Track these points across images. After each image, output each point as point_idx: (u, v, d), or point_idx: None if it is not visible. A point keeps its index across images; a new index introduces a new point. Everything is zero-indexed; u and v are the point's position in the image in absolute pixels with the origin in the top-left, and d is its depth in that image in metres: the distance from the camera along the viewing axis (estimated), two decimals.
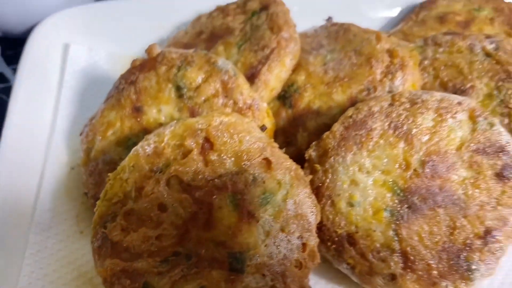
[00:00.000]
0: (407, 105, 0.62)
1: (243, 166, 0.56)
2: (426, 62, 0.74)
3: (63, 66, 0.84)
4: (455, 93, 0.73)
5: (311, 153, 0.65)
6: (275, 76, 0.71)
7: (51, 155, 0.73)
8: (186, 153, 0.57)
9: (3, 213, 0.64)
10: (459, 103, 0.62)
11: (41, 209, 0.68)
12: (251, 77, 0.70)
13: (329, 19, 0.80)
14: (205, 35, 0.79)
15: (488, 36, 0.74)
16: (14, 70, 0.96)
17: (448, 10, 0.89)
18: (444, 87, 0.72)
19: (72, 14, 0.89)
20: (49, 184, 0.71)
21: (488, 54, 0.72)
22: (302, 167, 0.65)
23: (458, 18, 0.86)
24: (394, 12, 0.97)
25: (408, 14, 0.93)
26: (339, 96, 0.71)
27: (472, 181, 0.60)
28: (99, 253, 0.56)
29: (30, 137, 0.74)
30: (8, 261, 0.62)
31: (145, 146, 0.58)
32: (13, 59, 0.99)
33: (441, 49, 0.75)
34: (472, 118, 0.61)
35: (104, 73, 0.85)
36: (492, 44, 0.72)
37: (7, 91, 0.92)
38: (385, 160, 0.61)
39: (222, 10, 0.82)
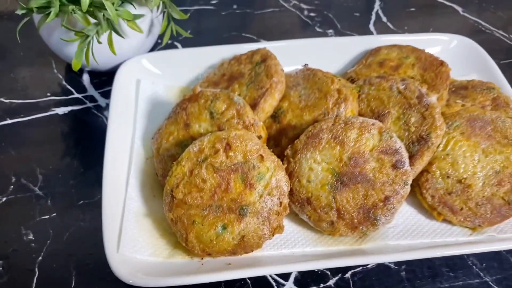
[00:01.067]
0: (342, 125, 1.03)
1: (248, 158, 0.98)
2: (363, 96, 1.13)
3: (137, 94, 1.22)
4: (378, 116, 1.12)
5: (288, 151, 1.05)
6: (268, 105, 1.11)
7: (134, 151, 1.12)
8: (216, 151, 0.97)
9: (112, 187, 1.04)
10: (373, 124, 1.03)
11: (131, 184, 1.07)
12: (254, 105, 1.10)
13: (305, 65, 1.21)
14: (227, 77, 1.22)
15: (402, 79, 1.13)
16: (100, 94, 1.36)
17: (386, 57, 1.26)
18: (372, 112, 1.12)
19: (141, 59, 1.26)
20: (134, 169, 1.10)
21: (399, 92, 1.09)
22: (283, 160, 1.06)
23: (391, 64, 1.24)
24: (354, 56, 1.36)
25: (361, 59, 1.32)
26: (307, 117, 1.10)
27: (378, 169, 0.98)
28: (169, 205, 0.99)
29: (122, 140, 1.13)
30: (115, 212, 1.02)
31: (194, 147, 1.01)
32: (99, 85, 1.38)
33: (373, 87, 1.13)
34: (380, 132, 1.01)
35: (162, 99, 1.24)
36: (403, 85, 1.11)
37: (97, 107, 1.33)
38: (328, 156, 1.00)
39: (237, 59, 1.25)
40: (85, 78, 1.42)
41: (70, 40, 1.05)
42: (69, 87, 1.40)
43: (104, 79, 1.34)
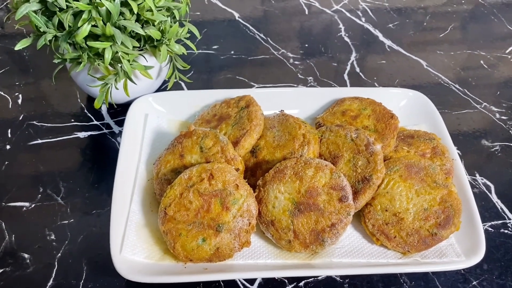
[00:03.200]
0: (303, 164, 1.24)
1: (226, 186, 1.15)
2: (324, 139, 1.30)
3: (144, 126, 1.39)
4: (334, 157, 1.31)
5: (260, 182, 1.20)
6: (247, 143, 1.30)
7: (139, 173, 1.30)
8: (202, 179, 1.13)
9: (119, 201, 1.20)
10: (326, 165, 1.23)
11: (134, 200, 1.23)
12: (236, 143, 1.28)
13: (281, 111, 1.40)
14: (217, 117, 1.43)
15: (356, 129, 1.31)
16: (114, 122, 1.53)
17: (348, 107, 1.43)
18: (329, 154, 1.29)
19: (149, 97, 1.44)
20: (138, 187, 1.26)
21: (352, 139, 1.27)
22: (256, 189, 1.21)
23: (352, 113, 1.41)
24: (324, 104, 1.52)
25: (328, 107, 1.49)
26: (278, 155, 1.28)
27: (327, 201, 1.15)
28: (162, 220, 1.15)
29: (130, 163, 1.30)
30: (120, 221, 1.18)
31: (185, 175, 1.21)
32: (114, 115, 1.55)
33: (332, 134, 1.30)
34: (331, 172, 1.18)
35: (165, 131, 1.42)
36: (355, 134, 1.31)
37: (112, 134, 1.50)
38: (290, 188, 1.16)
39: (227, 103, 1.47)
40: (103, 108, 1.58)
41: (94, 86, 1.33)
42: (89, 115, 1.57)
43: (119, 109, 1.53)
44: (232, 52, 1.85)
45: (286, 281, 1.21)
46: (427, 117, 1.48)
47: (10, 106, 1.58)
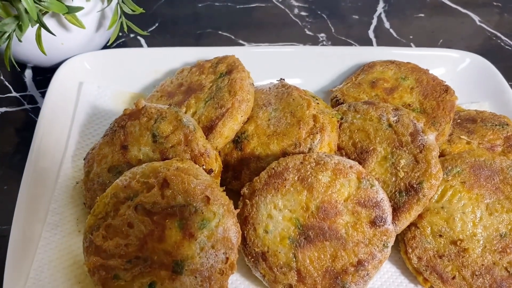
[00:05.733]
0: (313, 164, 0.84)
1: (189, 200, 0.80)
2: (345, 125, 0.96)
3: (77, 101, 1.06)
4: (361, 152, 0.94)
5: (245, 190, 0.88)
6: (228, 128, 0.93)
7: (62, 173, 0.96)
8: (150, 188, 0.80)
9: (26, 214, 0.88)
10: (351, 167, 0.84)
11: (52, 211, 0.91)
12: (211, 128, 0.92)
13: (281, 79, 1.02)
14: (184, 88, 1.02)
15: (395, 109, 0.95)
16: (42, 93, 1.20)
17: (380, 76, 1.09)
18: (354, 146, 0.94)
19: (85, 58, 1.12)
20: (59, 193, 0.94)
21: (390, 125, 0.92)
22: (239, 200, 0.89)
23: (386, 85, 1.07)
24: (344, 70, 1.19)
25: (350, 74, 1.14)
26: (275, 147, 0.93)
27: (352, 224, 0.82)
28: (86, 251, 0.81)
29: (50, 157, 0.98)
30: (26, 250, 0.86)
31: (123, 180, 0.82)
32: (42, 84, 1.23)
33: (358, 116, 0.96)
34: (359, 178, 0.83)
35: (108, 107, 1.08)
36: (395, 117, 0.93)
37: (36, 111, 1.16)
38: (293, 202, 0.83)
39: (200, 67, 1.05)
40: (27, 74, 1.27)
41: None
42: (6, 83, 1.23)
43: (49, 76, 1.15)
44: None
45: None
46: (493, 93, 1.18)
47: None
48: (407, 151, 0.88)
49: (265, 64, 1.15)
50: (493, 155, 0.92)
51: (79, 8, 0.92)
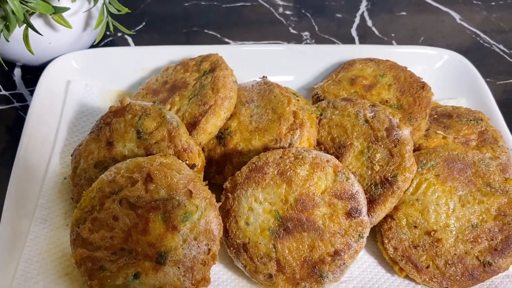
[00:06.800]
0: (292, 159, 0.87)
1: (172, 194, 0.82)
2: (324, 121, 0.98)
3: (64, 100, 1.08)
4: (339, 147, 0.97)
5: (227, 184, 0.91)
6: (211, 125, 0.95)
7: (51, 168, 0.99)
8: (134, 182, 0.82)
9: (15, 209, 0.91)
10: (327, 161, 0.86)
11: (40, 206, 0.93)
12: (194, 124, 0.95)
13: (263, 77, 1.04)
14: (169, 85, 1.04)
15: (372, 105, 0.97)
16: (31, 92, 1.21)
17: (359, 73, 1.11)
18: (333, 141, 0.96)
19: (73, 56, 1.14)
20: (47, 189, 0.96)
21: (366, 120, 0.94)
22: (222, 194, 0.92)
23: (365, 82, 1.09)
24: (325, 68, 1.22)
25: (331, 72, 1.16)
26: (256, 143, 0.95)
27: (329, 216, 0.84)
28: (73, 244, 0.83)
29: (38, 153, 1.00)
30: (15, 244, 0.88)
31: (108, 175, 0.85)
32: (31, 82, 1.24)
33: (336, 112, 0.98)
34: (335, 172, 0.86)
35: (95, 104, 1.10)
36: (371, 113, 0.95)
37: (25, 109, 1.17)
38: (272, 195, 0.86)
39: (184, 65, 1.07)
40: (17, 72, 1.28)
41: None
42: None
43: (38, 74, 1.16)
44: None
45: None
46: (469, 89, 1.20)
47: None
48: (382, 146, 0.91)
49: (250, 62, 1.17)
50: (466, 149, 0.95)
51: (65, 9, 0.94)
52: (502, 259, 0.88)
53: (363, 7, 1.59)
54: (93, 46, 1.25)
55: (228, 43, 1.43)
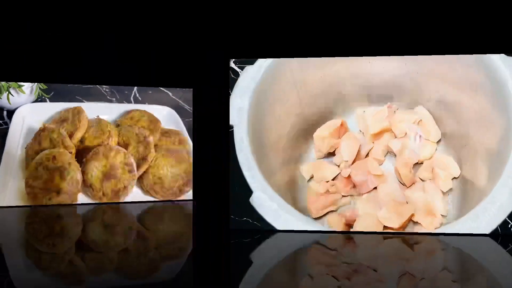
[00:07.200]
0: (108, 149, 2.42)
1: (63, 164, 2.35)
2: (120, 134, 2.54)
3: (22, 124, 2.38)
4: (127, 145, 2.53)
5: (84, 160, 2.44)
6: (78, 135, 2.44)
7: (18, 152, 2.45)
8: (48, 159, 2.35)
9: None
10: (118, 149, 2.43)
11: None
12: (71, 135, 2.43)
13: (97, 116, 2.55)
14: (62, 119, 2.40)
15: (140, 127, 2.55)
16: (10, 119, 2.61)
17: (136, 116, 2.65)
18: (124, 142, 2.50)
19: (26, 106, 2.17)
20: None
21: (136, 134, 2.51)
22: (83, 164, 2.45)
23: (136, 118, 2.65)
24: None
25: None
26: (95, 143, 2.48)
27: (121, 171, 2.43)
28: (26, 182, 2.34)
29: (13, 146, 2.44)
30: None
31: (39, 157, 2.34)
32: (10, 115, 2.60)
33: (126, 130, 2.55)
34: (124, 154, 2.41)
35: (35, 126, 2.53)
36: (138, 130, 2.53)
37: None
38: (101, 164, 2.43)
39: (66, 110, 2.55)
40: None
41: None
42: None
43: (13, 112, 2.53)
44: None
45: None
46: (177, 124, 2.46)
47: None
48: (142, 144, 2.16)
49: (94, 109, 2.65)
50: (173, 145, 2.57)
51: (22, 85, 2.36)
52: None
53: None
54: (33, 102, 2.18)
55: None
